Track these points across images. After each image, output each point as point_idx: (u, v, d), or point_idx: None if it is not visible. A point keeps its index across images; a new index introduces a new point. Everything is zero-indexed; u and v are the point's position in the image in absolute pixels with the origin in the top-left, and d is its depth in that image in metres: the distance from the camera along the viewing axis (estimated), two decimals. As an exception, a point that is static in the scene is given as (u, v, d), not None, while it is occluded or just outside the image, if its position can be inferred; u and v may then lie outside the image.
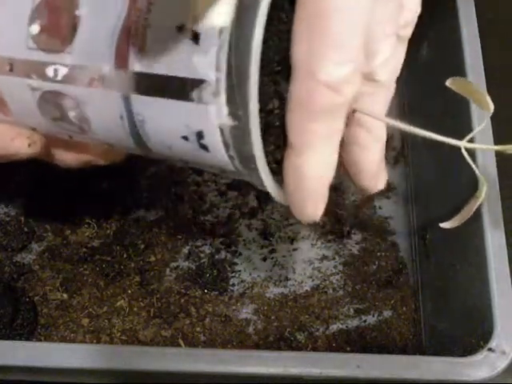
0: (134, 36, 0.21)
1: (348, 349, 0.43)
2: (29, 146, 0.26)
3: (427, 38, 0.49)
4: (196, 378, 0.35)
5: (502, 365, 0.33)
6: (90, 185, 0.47)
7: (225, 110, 0.20)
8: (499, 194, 0.37)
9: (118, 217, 0.47)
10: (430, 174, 0.47)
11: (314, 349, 0.43)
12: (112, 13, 0.21)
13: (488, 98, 0.24)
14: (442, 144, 0.47)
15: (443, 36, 0.46)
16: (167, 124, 0.21)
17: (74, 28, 0.22)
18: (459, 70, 0.41)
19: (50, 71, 0.23)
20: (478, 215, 0.37)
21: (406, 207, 0.50)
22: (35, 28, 0.23)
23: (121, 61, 0.21)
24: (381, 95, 0.25)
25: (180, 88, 0.20)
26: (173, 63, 0.20)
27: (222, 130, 0.20)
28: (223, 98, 0.19)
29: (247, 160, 0.21)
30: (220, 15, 0.19)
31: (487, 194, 0.26)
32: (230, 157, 0.21)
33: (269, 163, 0.22)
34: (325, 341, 0.43)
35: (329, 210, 0.48)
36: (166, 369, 0.32)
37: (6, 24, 0.24)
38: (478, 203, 0.27)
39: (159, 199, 0.48)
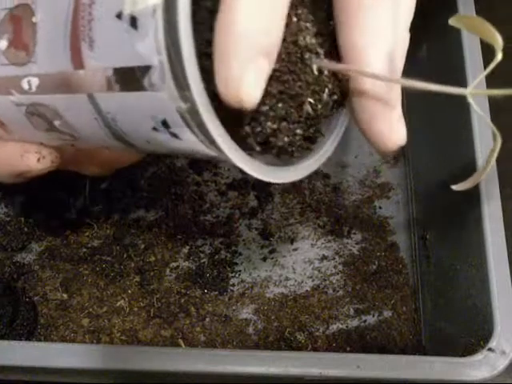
0: (83, 32, 0.20)
1: (348, 349, 0.43)
2: (38, 160, 0.26)
3: (427, 38, 0.49)
4: (196, 378, 0.35)
5: (501, 365, 0.33)
6: (90, 185, 0.47)
7: (175, 93, 0.19)
8: (499, 194, 0.37)
9: (118, 217, 0.47)
10: (430, 174, 0.47)
11: (314, 349, 0.43)
12: (62, 13, 0.21)
13: (496, 33, 0.23)
14: (442, 143, 0.48)
15: (443, 36, 0.46)
16: (135, 118, 0.21)
17: (34, 36, 0.22)
18: (459, 70, 0.41)
19: (24, 84, 0.23)
20: (478, 215, 0.37)
21: (406, 207, 0.50)
22: (3, 43, 0.23)
23: (77, 60, 0.21)
24: (382, 11, 0.23)
25: (133, 78, 0.19)
26: (120, 54, 0.19)
27: (181, 115, 0.19)
28: (170, 81, 0.19)
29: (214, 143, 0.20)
30: None
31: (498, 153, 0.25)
32: (202, 141, 0.20)
33: (247, 144, 0.22)
34: (325, 341, 0.43)
35: (329, 210, 0.48)
36: (166, 369, 0.32)
37: None
38: (493, 159, 0.25)
39: (159, 199, 0.48)
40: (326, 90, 0.23)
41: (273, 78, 0.21)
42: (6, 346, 0.33)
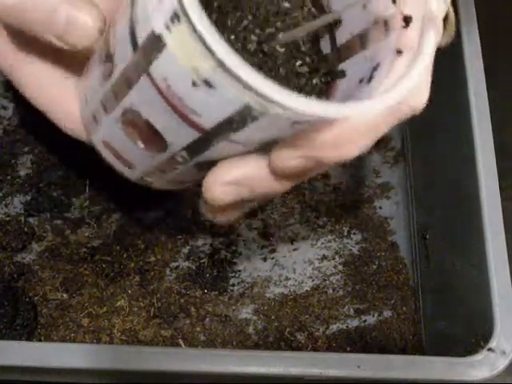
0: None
1: (348, 349, 0.43)
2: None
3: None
4: (196, 378, 0.35)
5: (501, 365, 0.33)
6: (90, 185, 0.47)
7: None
8: (499, 194, 0.37)
9: (118, 217, 0.47)
10: (430, 174, 0.47)
11: (314, 349, 0.43)
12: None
13: None
14: (442, 143, 0.48)
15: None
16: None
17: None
18: (459, 71, 0.41)
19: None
20: (478, 216, 0.37)
21: (406, 207, 0.50)
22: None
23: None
24: None
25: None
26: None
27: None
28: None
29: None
30: None
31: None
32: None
33: None
34: (325, 341, 0.43)
35: (329, 210, 0.48)
36: (166, 369, 0.32)
37: None
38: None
39: (159, 199, 0.48)
40: (299, 61, 0.25)
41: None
42: (6, 346, 0.33)
